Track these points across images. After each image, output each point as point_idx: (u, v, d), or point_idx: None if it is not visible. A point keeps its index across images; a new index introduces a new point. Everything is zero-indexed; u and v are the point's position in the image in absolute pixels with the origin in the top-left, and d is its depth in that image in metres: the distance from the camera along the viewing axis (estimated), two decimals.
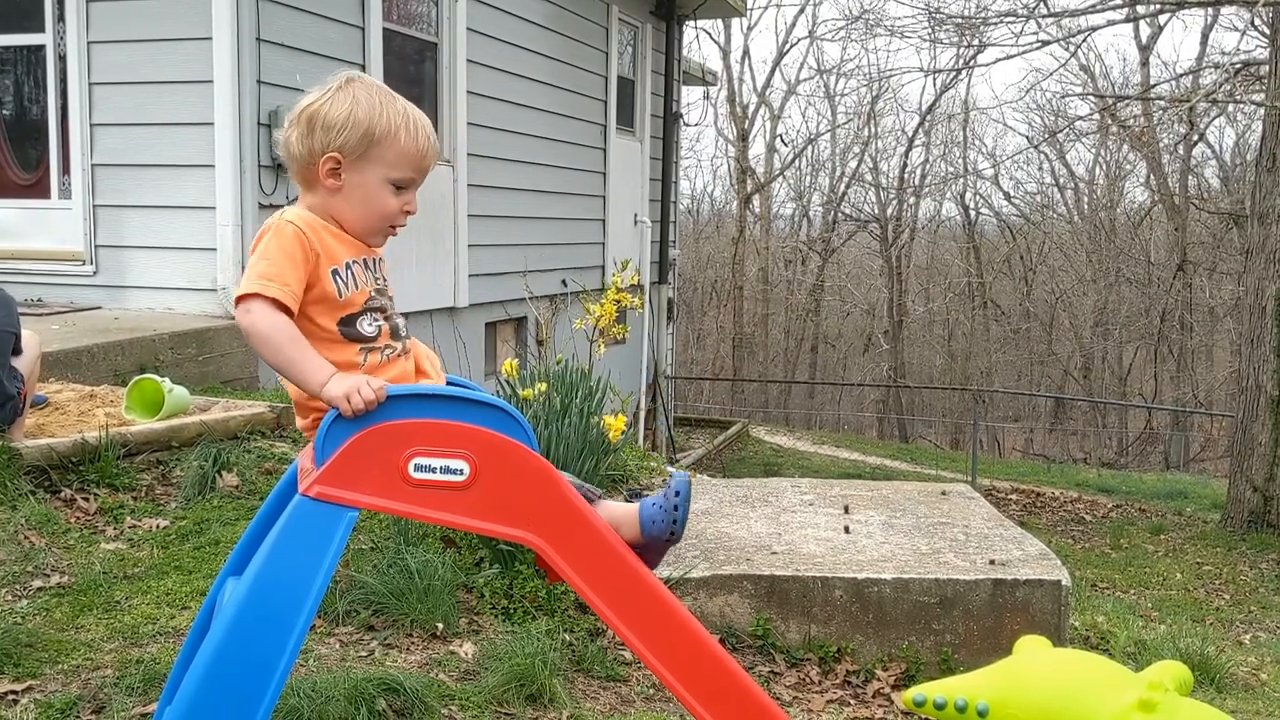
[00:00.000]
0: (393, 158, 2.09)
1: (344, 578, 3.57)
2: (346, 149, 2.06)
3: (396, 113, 2.08)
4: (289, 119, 2.11)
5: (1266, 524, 11.28)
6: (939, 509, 4.95)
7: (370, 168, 2.08)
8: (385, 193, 2.10)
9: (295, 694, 2.68)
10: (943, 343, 31.35)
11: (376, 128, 2.06)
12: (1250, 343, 11.68)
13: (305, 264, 2.01)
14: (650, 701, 3.38)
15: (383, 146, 2.07)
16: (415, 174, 2.13)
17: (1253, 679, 4.91)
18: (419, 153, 2.11)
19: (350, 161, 2.07)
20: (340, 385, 1.92)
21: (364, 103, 2.06)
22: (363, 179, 2.08)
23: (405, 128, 2.08)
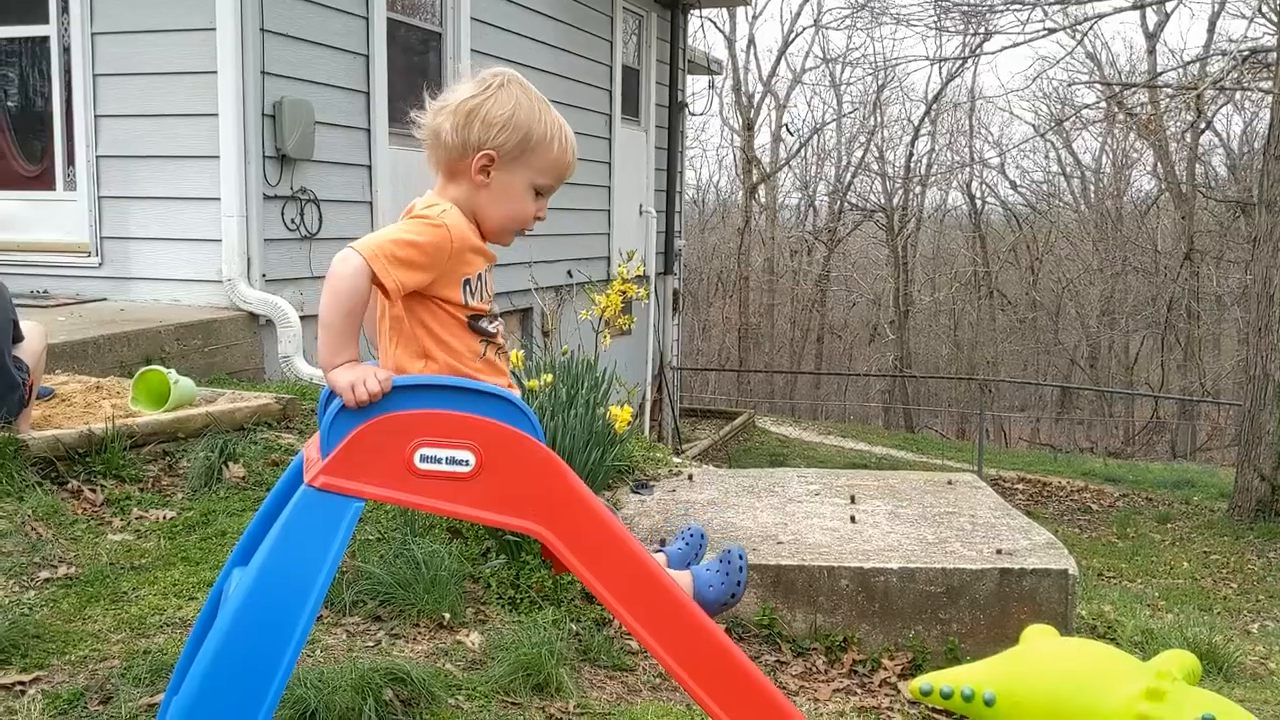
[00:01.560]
0: (543, 164, 2.14)
1: (350, 568, 3.57)
2: (503, 150, 2.09)
3: (552, 122, 2.13)
4: (436, 108, 2.12)
5: (1274, 513, 11.26)
6: (945, 498, 4.94)
7: (520, 171, 2.12)
8: (527, 197, 2.15)
9: (302, 684, 2.68)
10: (949, 332, 31.29)
11: (534, 133, 2.10)
12: (1258, 331, 11.64)
13: (433, 268, 2.01)
14: (656, 691, 3.39)
15: (537, 153, 2.12)
16: (557, 183, 2.19)
17: (1260, 668, 4.90)
18: (566, 164, 2.18)
19: (503, 162, 2.10)
20: (347, 375, 1.92)
21: (525, 107, 2.10)
22: (510, 180, 2.12)
23: (559, 138, 2.14)
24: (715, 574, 2.24)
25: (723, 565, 2.25)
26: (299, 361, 6.63)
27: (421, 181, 2.21)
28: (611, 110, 11.43)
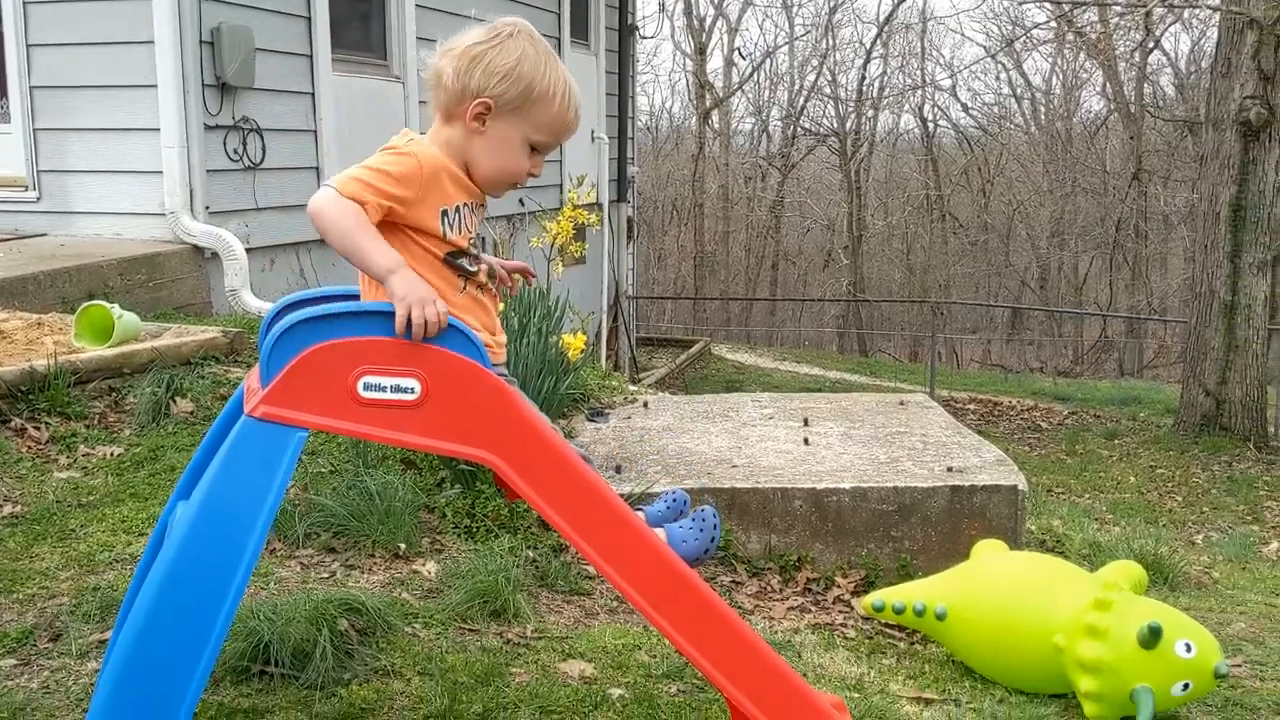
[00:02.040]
0: (541, 120, 2.09)
1: (303, 501, 3.55)
2: (501, 100, 2.05)
3: (557, 78, 2.08)
4: (443, 50, 2.09)
5: (1218, 426, 11.50)
6: (897, 419, 4.98)
7: (517, 124, 2.08)
8: (522, 152, 2.11)
9: (255, 616, 2.67)
10: (901, 257, 31.44)
11: (536, 88, 2.06)
12: (1204, 249, 11.79)
13: (406, 187, 1.99)
14: (614, 614, 3.41)
15: (537, 108, 2.07)
16: (555, 141, 2.14)
17: (1205, 577, 5.02)
18: (566, 123, 2.13)
19: (500, 112, 2.06)
20: (406, 283, 1.89)
21: (530, 59, 2.06)
22: (506, 132, 2.08)
23: (561, 96, 2.09)
24: (689, 530, 2.27)
25: (696, 523, 2.28)
26: (246, 295, 6.52)
27: (366, 109, 2.16)
28: (560, 33, 11.22)
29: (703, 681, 2.80)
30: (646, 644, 3.10)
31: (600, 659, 2.98)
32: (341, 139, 7.55)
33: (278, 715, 2.47)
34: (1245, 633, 3.87)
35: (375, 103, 8.02)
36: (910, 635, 3.52)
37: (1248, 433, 11.44)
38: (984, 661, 3.12)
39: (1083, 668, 2.79)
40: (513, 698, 2.66)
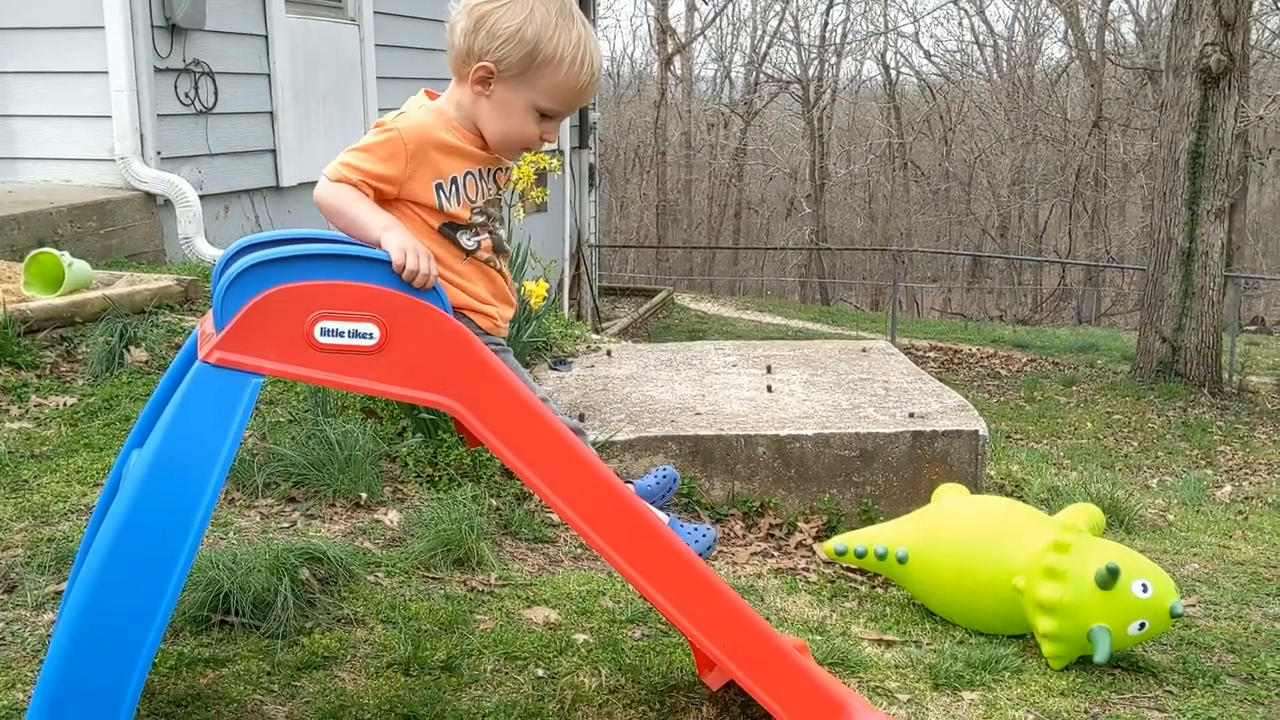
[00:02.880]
0: (547, 86, 1.98)
1: (261, 450, 3.50)
2: (504, 64, 1.96)
3: (569, 41, 1.96)
4: (460, 5, 2.01)
5: (1174, 373, 11.66)
6: (859, 365, 4.99)
7: (522, 89, 1.98)
8: (529, 118, 2.01)
9: (215, 566, 2.64)
10: (864, 205, 31.47)
11: (542, 51, 1.95)
12: (1163, 196, 11.87)
13: (391, 165, 1.96)
14: (578, 561, 3.41)
15: (542, 73, 1.97)
16: (565, 108, 2.04)
17: (1160, 520, 5.11)
18: (577, 89, 2.01)
19: (504, 77, 1.97)
20: (399, 238, 1.88)
21: (538, 19, 1.94)
22: (511, 97, 1.99)
23: (572, 60, 1.97)
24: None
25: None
26: (200, 242, 6.40)
27: (322, 52, 2.10)
28: None
29: (667, 626, 2.81)
30: (611, 590, 3.10)
31: (564, 605, 2.98)
32: (296, 83, 7.41)
33: (239, 664, 2.45)
34: (1199, 573, 3.94)
35: (330, 46, 7.86)
36: (871, 579, 3.55)
37: (1202, 379, 11.61)
38: (944, 604, 3.15)
39: (1041, 609, 2.82)
40: (477, 644, 2.65)
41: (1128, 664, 2.88)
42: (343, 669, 2.49)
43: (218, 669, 2.43)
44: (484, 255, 2.08)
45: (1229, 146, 11.48)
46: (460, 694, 2.42)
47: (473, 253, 2.05)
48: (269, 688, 2.37)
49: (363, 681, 2.44)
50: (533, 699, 2.42)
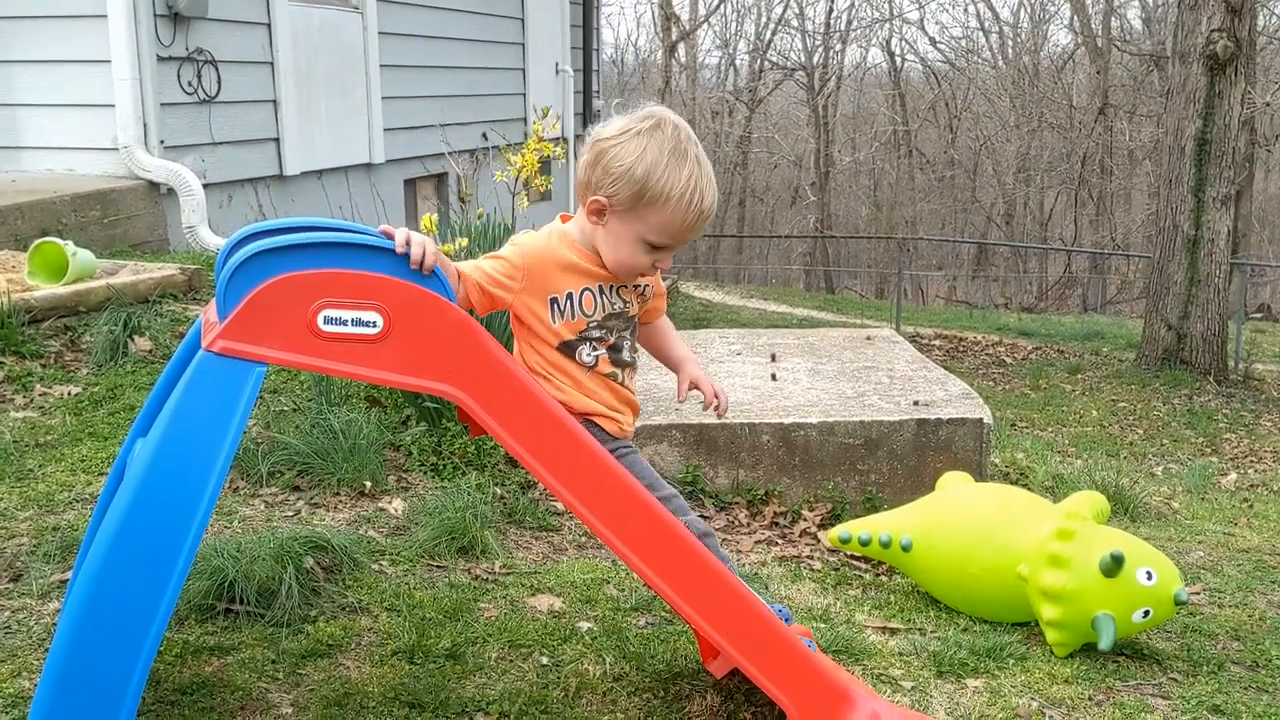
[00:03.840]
0: (656, 222, 2.07)
1: (265, 439, 3.51)
2: (616, 199, 2.06)
3: (679, 179, 2.04)
4: (590, 137, 2.12)
5: (1179, 360, 11.63)
6: (864, 354, 4.99)
7: (632, 222, 2.07)
8: (639, 249, 2.10)
9: (219, 554, 2.64)
10: (869, 193, 31.38)
11: (650, 190, 2.04)
12: (1169, 184, 11.83)
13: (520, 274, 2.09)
14: (582, 550, 3.41)
15: (651, 210, 2.05)
16: (673, 242, 2.12)
17: (1165, 507, 5.10)
18: (684, 226, 2.08)
19: (615, 210, 2.07)
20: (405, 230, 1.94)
21: (650, 158, 2.03)
22: (622, 229, 2.09)
23: (680, 198, 2.04)
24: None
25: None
26: (204, 231, 6.40)
27: (325, 40, 2.10)
28: None
29: (671, 614, 2.81)
30: (615, 578, 3.11)
31: (569, 593, 2.98)
32: (299, 71, 7.40)
33: (244, 652, 2.45)
34: (1204, 561, 3.93)
35: (333, 34, 7.84)
36: (876, 567, 3.55)
37: (1208, 367, 11.58)
38: (948, 591, 3.15)
39: (1046, 596, 2.82)
40: (481, 632, 2.66)
41: (1132, 651, 2.88)
42: (347, 657, 2.50)
43: (223, 657, 2.43)
44: (605, 369, 2.18)
45: (1235, 133, 11.42)
46: (464, 682, 2.42)
47: (593, 367, 2.16)
48: (274, 675, 2.38)
49: (367, 669, 2.44)
50: (537, 687, 2.42)
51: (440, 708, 2.29)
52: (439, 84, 9.51)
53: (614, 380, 2.19)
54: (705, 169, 2.08)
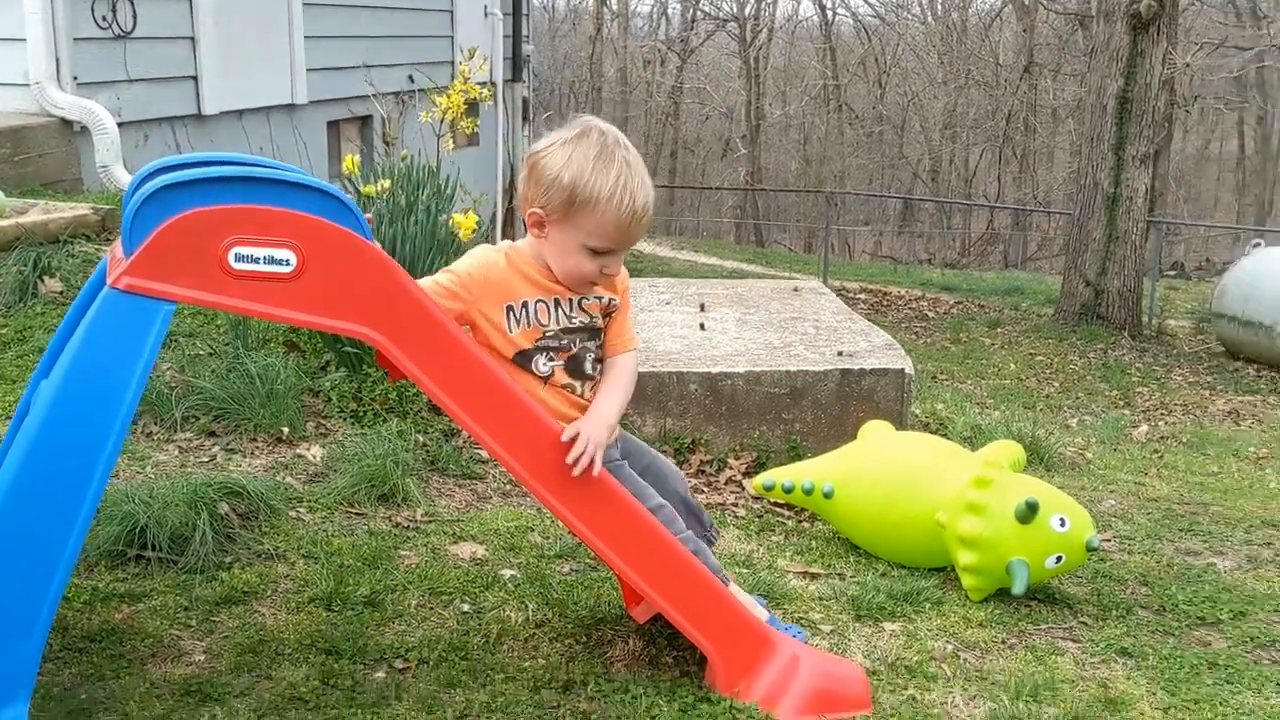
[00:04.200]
0: (591, 226, 2.07)
1: (180, 383, 3.42)
2: (549, 208, 2.08)
3: (606, 181, 2.05)
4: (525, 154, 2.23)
5: (1096, 316, 11.89)
6: (791, 305, 5.00)
7: (570, 230, 2.08)
8: (583, 256, 2.11)
9: (130, 500, 2.58)
10: (798, 147, 31.45)
11: (579, 194, 2.05)
12: (1090, 141, 12.02)
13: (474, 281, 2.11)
14: (507, 497, 3.39)
15: (583, 215, 2.07)
16: (613, 245, 2.11)
17: (1079, 458, 5.22)
18: (618, 227, 2.08)
19: (553, 219, 2.09)
20: None
21: (576, 164, 2.05)
22: (563, 238, 2.10)
23: (610, 200, 2.06)
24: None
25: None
26: (118, 171, 6.20)
27: None
28: None
29: (595, 561, 2.81)
30: (540, 525, 3.10)
31: (492, 541, 2.96)
32: (218, 7, 7.16)
33: (155, 599, 2.40)
34: (1115, 509, 4.03)
35: None
36: (798, 514, 3.59)
37: (1123, 322, 11.86)
38: (868, 537, 3.19)
39: (962, 542, 2.87)
40: (401, 580, 2.63)
41: (1044, 596, 2.94)
42: (263, 604, 2.46)
43: (133, 604, 2.38)
44: (561, 381, 2.17)
45: (1156, 93, 11.63)
46: (383, 629, 2.40)
47: (548, 378, 2.15)
48: (186, 623, 2.33)
49: (283, 616, 2.41)
50: (458, 633, 2.41)
51: (358, 654, 2.26)
52: (364, 24, 9.29)
53: (571, 392, 2.19)
54: (635, 170, 2.09)
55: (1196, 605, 2.96)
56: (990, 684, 2.38)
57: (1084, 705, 2.31)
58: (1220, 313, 11.09)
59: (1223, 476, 5.73)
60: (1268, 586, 3.21)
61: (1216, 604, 2.97)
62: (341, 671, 2.19)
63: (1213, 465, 6.18)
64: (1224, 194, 31.33)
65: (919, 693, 2.32)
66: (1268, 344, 10.56)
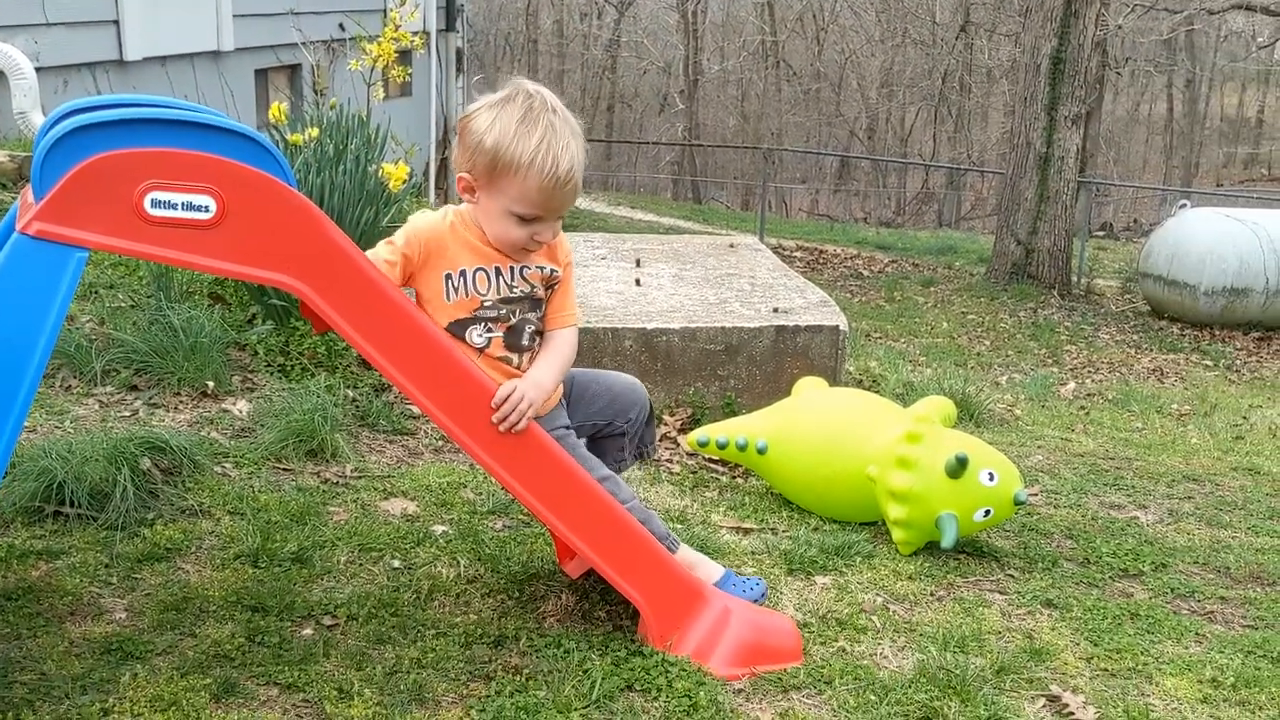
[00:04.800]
0: (514, 192, 2.03)
1: (100, 336, 3.32)
2: (475, 173, 2.06)
3: (528, 146, 2.00)
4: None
5: (1027, 275, 12.07)
6: (727, 261, 4.99)
7: (496, 195, 2.05)
8: (510, 222, 2.07)
9: (48, 455, 2.50)
10: (736, 103, 31.38)
11: (501, 159, 2.01)
12: (1024, 101, 12.13)
13: (413, 249, 2.08)
14: (439, 454, 3.35)
15: (505, 179, 2.02)
16: (536, 211, 2.06)
17: (1008, 414, 5.30)
18: (542, 192, 2.03)
19: (480, 184, 2.06)
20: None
21: (498, 128, 2.01)
22: (490, 203, 2.07)
23: (531, 164, 2.00)
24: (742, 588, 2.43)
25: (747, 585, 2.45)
26: (36, 117, 5.97)
27: None
28: None
29: (528, 516, 2.79)
30: (472, 481, 3.07)
31: (423, 497, 2.93)
32: None
33: (74, 556, 2.34)
34: (1042, 464, 4.10)
35: None
36: (732, 470, 3.59)
37: (1053, 281, 12.06)
38: (801, 493, 3.21)
39: (893, 496, 2.89)
40: (330, 536, 2.59)
41: (972, 549, 2.98)
42: (186, 561, 2.40)
43: (51, 561, 2.31)
44: (497, 353, 2.13)
45: (1088, 53, 11.75)
46: (311, 585, 2.36)
47: (484, 349, 2.12)
48: (107, 580, 2.28)
49: (208, 573, 2.36)
50: (388, 590, 2.38)
51: (285, 611, 2.22)
52: None
53: (508, 364, 2.15)
54: (560, 135, 2.03)
55: (1120, 558, 3.02)
56: (919, 635, 2.41)
57: (1010, 655, 2.35)
58: (1146, 272, 11.31)
59: (1146, 432, 5.87)
60: (1188, 539, 3.29)
61: (1139, 556, 3.03)
62: (268, 628, 2.15)
63: (1137, 421, 6.33)
64: (1152, 156, 31.88)
65: (849, 644, 2.34)
66: (1191, 303, 10.80)
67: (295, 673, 2.01)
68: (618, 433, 2.35)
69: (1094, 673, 2.33)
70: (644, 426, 2.40)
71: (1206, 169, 31.09)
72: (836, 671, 2.20)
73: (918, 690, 2.14)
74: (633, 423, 2.36)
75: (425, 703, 1.96)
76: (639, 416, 2.37)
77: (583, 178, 2.10)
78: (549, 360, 2.18)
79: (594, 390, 2.33)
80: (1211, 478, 4.15)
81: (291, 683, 1.98)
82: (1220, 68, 30.35)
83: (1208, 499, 3.78)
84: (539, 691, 2.01)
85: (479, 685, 2.03)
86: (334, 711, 1.91)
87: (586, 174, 2.15)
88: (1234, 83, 33.22)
